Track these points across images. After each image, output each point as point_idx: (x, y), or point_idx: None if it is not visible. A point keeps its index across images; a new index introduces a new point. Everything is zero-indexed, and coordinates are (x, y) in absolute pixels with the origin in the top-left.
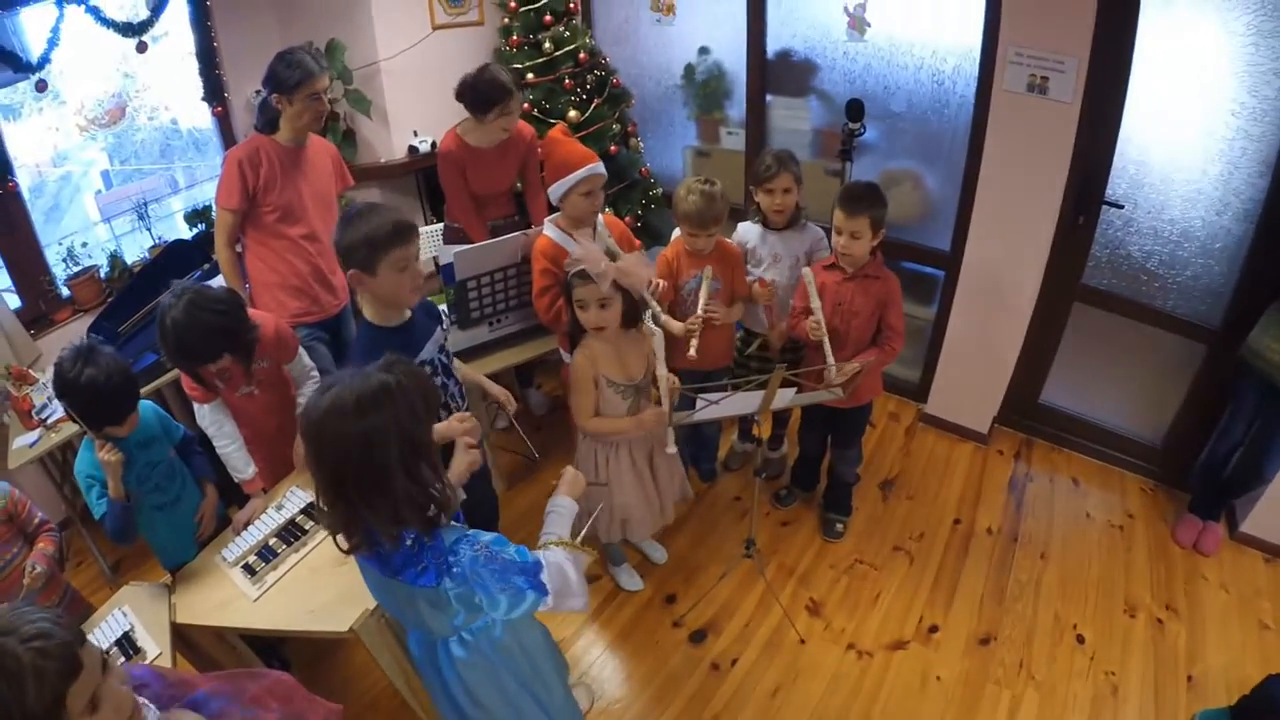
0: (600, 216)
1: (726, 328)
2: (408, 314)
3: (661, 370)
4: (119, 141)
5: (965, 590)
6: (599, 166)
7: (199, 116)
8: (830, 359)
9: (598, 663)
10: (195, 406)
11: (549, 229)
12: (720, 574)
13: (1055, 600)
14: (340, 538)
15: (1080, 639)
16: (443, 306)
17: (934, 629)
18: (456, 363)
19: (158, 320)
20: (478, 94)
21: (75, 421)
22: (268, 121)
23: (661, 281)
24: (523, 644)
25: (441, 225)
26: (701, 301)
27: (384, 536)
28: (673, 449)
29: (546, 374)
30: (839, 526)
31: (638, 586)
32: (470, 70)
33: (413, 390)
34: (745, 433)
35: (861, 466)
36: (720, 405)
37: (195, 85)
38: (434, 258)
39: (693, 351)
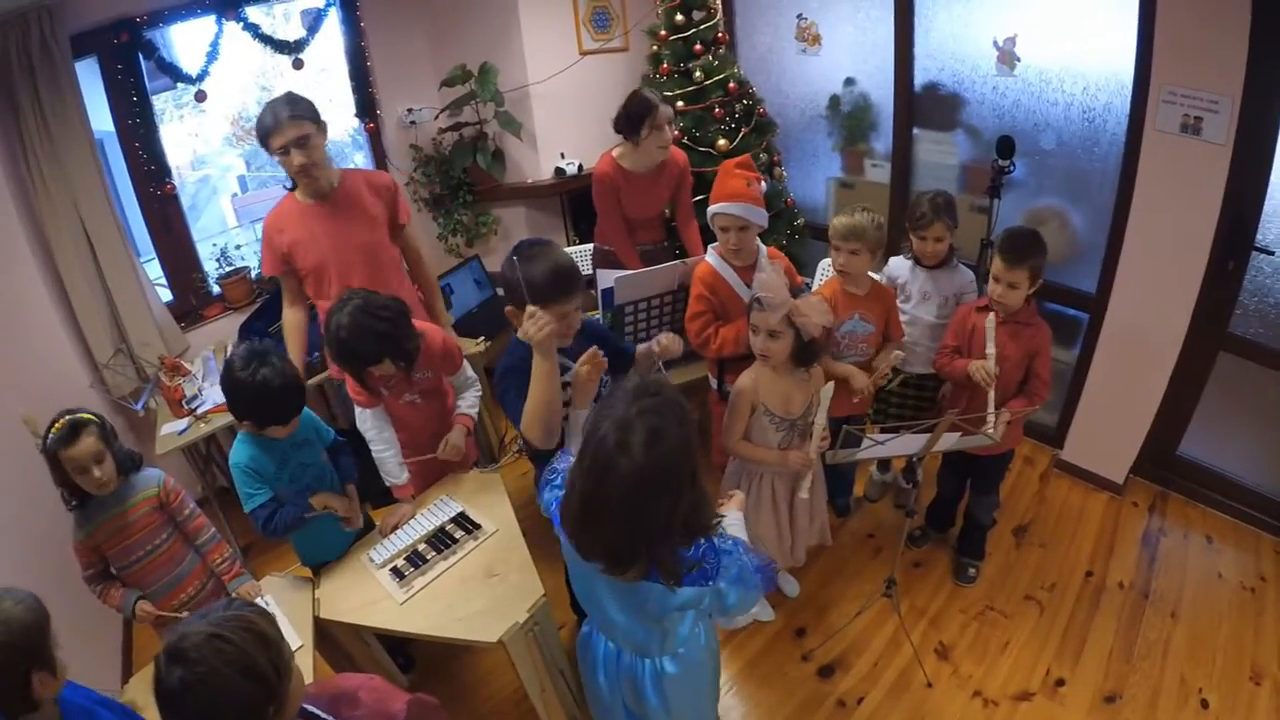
0: (764, 249)
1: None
2: None
3: (821, 420)
4: (256, 148)
5: (1094, 645)
6: (732, 207)
7: (334, 129)
8: (993, 406)
9: (725, 690)
10: (357, 410)
11: (710, 256)
12: (856, 611)
13: (1182, 662)
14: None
15: (1205, 704)
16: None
17: (1060, 683)
18: None
19: (324, 323)
20: (628, 117)
21: (238, 418)
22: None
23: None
24: (712, 650)
25: (589, 246)
26: (877, 369)
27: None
28: (805, 494)
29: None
30: (971, 571)
31: (769, 617)
32: (625, 94)
33: (684, 407)
34: (884, 464)
35: (998, 512)
36: (886, 446)
37: (332, 99)
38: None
39: (856, 397)
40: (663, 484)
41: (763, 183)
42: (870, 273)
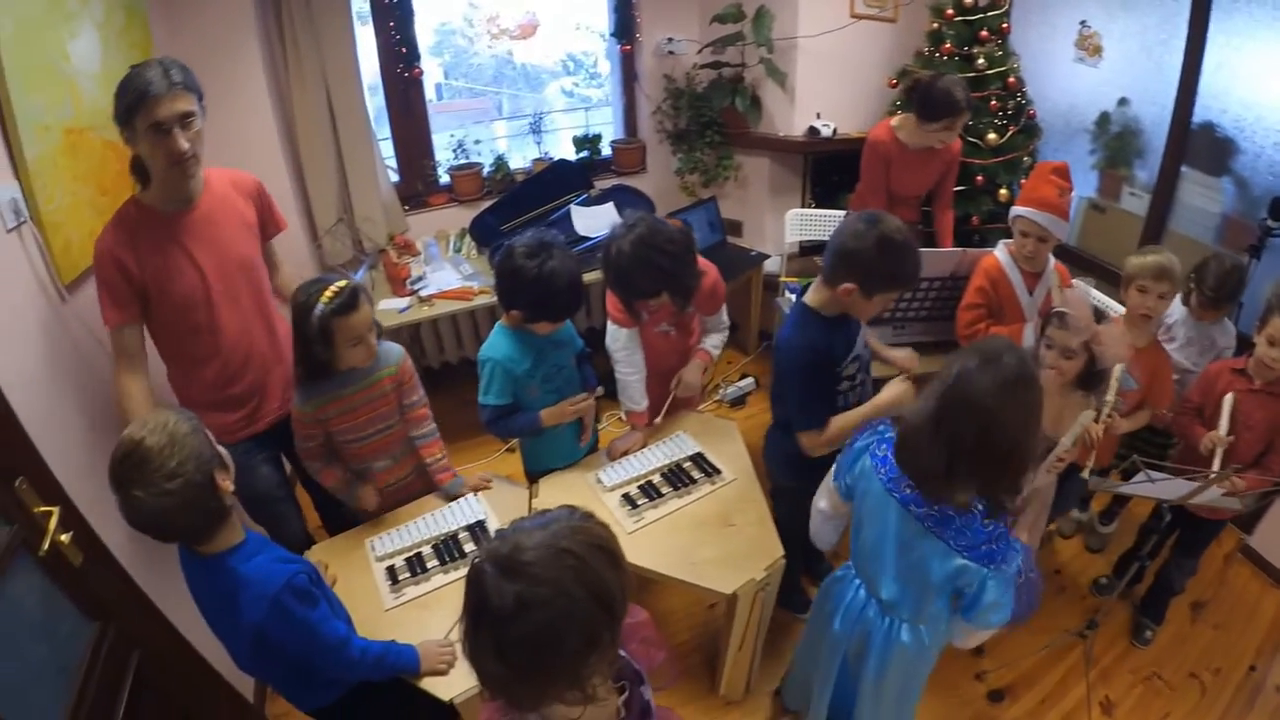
0: (1052, 262)
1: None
2: None
3: (1066, 442)
4: (455, 60)
5: None
6: (1039, 216)
7: (536, 54)
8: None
9: None
10: (610, 328)
11: (1000, 252)
12: (1044, 644)
13: None
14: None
15: None
16: None
17: None
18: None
19: (604, 246)
20: (930, 100)
21: (507, 307)
22: (140, 173)
23: None
24: (932, 657)
25: (826, 212)
26: (1109, 402)
27: (1004, 501)
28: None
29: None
30: (1149, 634)
31: None
32: (889, 66)
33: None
34: (1084, 501)
35: (1193, 579)
36: (1156, 486)
37: (582, 11)
38: None
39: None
40: (1031, 391)
41: (1073, 193)
42: None
